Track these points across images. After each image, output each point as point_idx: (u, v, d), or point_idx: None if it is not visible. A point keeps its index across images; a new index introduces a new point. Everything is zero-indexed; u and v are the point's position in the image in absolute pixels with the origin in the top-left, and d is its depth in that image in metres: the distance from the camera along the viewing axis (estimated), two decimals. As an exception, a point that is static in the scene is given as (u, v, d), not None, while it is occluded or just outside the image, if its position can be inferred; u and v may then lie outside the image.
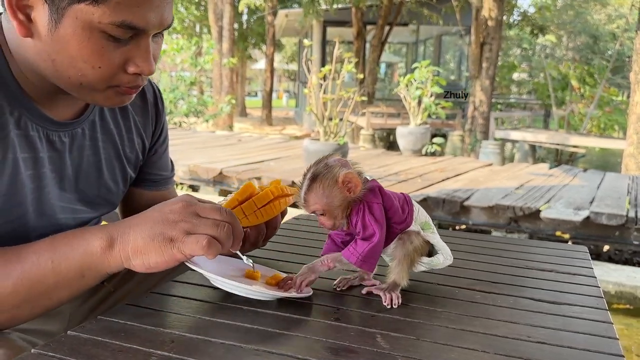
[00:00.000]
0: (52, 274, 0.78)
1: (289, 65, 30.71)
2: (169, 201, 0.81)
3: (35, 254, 0.78)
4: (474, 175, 6.54)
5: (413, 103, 7.97)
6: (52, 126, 0.89)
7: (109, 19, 0.76)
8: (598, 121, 15.46)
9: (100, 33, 0.77)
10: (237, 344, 0.71)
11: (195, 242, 0.76)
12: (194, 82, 12.17)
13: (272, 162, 7.00)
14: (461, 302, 0.90)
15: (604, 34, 19.05)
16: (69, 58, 0.79)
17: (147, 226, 0.78)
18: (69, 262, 0.78)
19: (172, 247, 0.76)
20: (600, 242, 4.69)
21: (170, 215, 0.78)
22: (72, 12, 0.76)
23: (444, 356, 0.71)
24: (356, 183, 0.85)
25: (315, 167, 0.86)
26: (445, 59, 19.94)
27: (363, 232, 0.86)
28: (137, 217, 0.81)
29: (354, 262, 0.86)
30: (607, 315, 0.87)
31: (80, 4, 0.75)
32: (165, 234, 0.76)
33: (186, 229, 0.77)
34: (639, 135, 7.93)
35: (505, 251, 1.23)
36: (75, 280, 0.79)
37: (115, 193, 1.05)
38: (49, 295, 0.79)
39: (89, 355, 0.67)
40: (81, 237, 0.79)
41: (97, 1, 0.74)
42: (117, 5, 0.75)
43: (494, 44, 10.36)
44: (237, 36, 19.65)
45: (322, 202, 0.85)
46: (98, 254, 0.78)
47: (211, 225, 0.78)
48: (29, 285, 0.77)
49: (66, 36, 0.77)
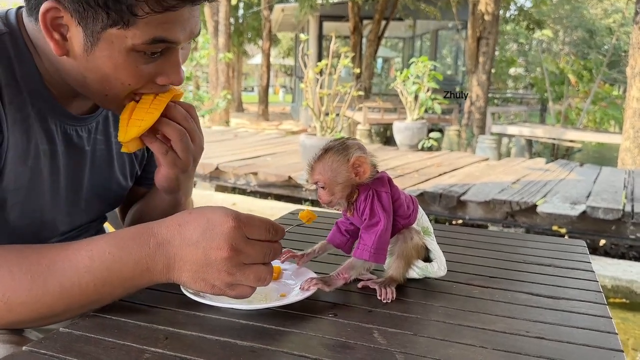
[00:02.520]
0: (94, 294, 0.75)
1: (285, 60, 30.62)
2: (215, 233, 0.73)
3: (76, 274, 0.74)
4: (471, 170, 6.54)
5: (410, 98, 7.96)
6: (70, 120, 0.91)
7: (141, 38, 0.77)
8: (594, 116, 15.47)
9: (135, 53, 0.79)
10: (232, 341, 0.70)
11: (236, 296, 0.76)
12: (189, 77, 12.10)
13: (268, 158, 6.98)
14: (459, 297, 0.89)
15: (600, 29, 19.08)
16: (102, 76, 0.81)
17: (190, 267, 0.74)
18: (113, 286, 0.75)
19: (213, 293, 0.76)
20: (596, 236, 4.70)
21: (214, 264, 0.73)
22: (107, 36, 0.77)
23: (441, 352, 0.70)
24: (365, 169, 0.85)
25: (333, 142, 0.87)
26: (442, 53, 19.91)
27: (369, 219, 0.86)
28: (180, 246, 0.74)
29: (367, 258, 0.85)
30: (606, 310, 0.86)
31: (113, 29, 0.76)
32: (208, 282, 0.74)
33: (229, 282, 0.74)
34: (635, 130, 7.93)
35: (503, 245, 1.22)
36: (119, 296, 0.78)
37: (125, 188, 1.07)
38: (88, 308, 0.77)
39: (82, 353, 0.66)
40: (123, 264, 0.74)
41: (127, 24, 0.75)
42: (147, 25, 0.76)
43: (490, 39, 10.35)
44: (233, 31, 19.58)
45: (327, 175, 0.85)
46: (145, 280, 0.76)
47: (254, 280, 0.75)
48: (68, 302, 0.74)
49: (102, 57, 0.79)
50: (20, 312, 0.74)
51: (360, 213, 0.87)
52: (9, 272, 0.73)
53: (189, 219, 0.75)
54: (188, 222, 0.75)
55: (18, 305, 0.73)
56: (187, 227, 0.74)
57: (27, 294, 0.73)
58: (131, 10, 0.74)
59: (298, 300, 0.82)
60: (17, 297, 0.73)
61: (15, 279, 0.73)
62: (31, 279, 0.73)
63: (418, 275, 0.94)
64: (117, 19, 0.75)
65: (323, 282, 0.85)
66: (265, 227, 0.76)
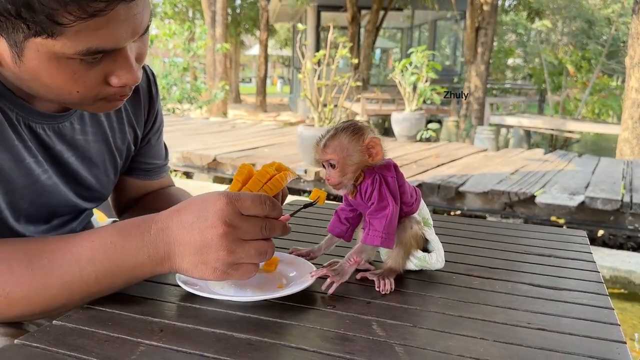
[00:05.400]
0: (96, 285, 0.74)
1: (282, 51, 30.48)
2: (208, 212, 0.72)
3: (77, 266, 0.73)
4: (469, 161, 6.53)
5: (408, 89, 7.93)
6: (35, 117, 0.85)
7: (72, 49, 0.68)
8: (593, 106, 15.45)
9: (67, 60, 0.71)
10: (229, 333, 0.69)
11: (240, 276, 0.75)
12: (187, 68, 12.05)
13: (266, 149, 6.96)
14: (458, 289, 0.88)
15: (599, 19, 19.00)
16: (44, 86, 0.74)
17: (189, 250, 0.73)
18: (115, 276, 0.74)
19: (216, 276, 0.74)
20: (595, 227, 4.70)
21: (212, 244, 0.72)
22: (32, 45, 0.68)
23: (441, 344, 0.69)
24: (379, 151, 0.84)
25: (346, 123, 0.85)
26: (440, 44, 19.83)
27: (378, 203, 0.84)
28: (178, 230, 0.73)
29: (379, 244, 0.84)
30: (607, 300, 0.85)
31: (37, 38, 0.67)
32: (209, 265, 0.73)
33: (230, 261, 0.73)
34: (633, 121, 7.92)
35: (503, 236, 1.21)
36: (120, 287, 0.77)
37: (106, 185, 1.03)
38: (89, 299, 0.76)
39: (75, 346, 0.65)
40: (125, 253, 0.73)
41: (52, 35, 0.66)
42: (77, 34, 0.67)
43: (489, 29, 10.30)
44: (230, 21, 19.46)
45: (341, 153, 0.83)
46: (147, 269, 0.75)
47: (255, 255, 0.74)
48: (69, 294, 0.73)
49: (33, 68, 0.71)
50: (21, 307, 0.73)
51: (367, 198, 0.85)
52: (8, 267, 0.72)
53: (185, 204, 0.75)
54: (185, 207, 0.75)
55: (19, 300, 0.72)
56: (183, 212, 0.74)
57: (27, 288, 0.72)
58: (53, 19, 0.64)
59: (296, 291, 0.80)
60: (18, 292, 0.72)
61: (15, 274, 0.72)
62: (32, 273, 0.72)
63: (415, 267, 0.93)
64: (39, 30, 0.66)
65: (336, 274, 0.83)
66: (259, 200, 0.75)
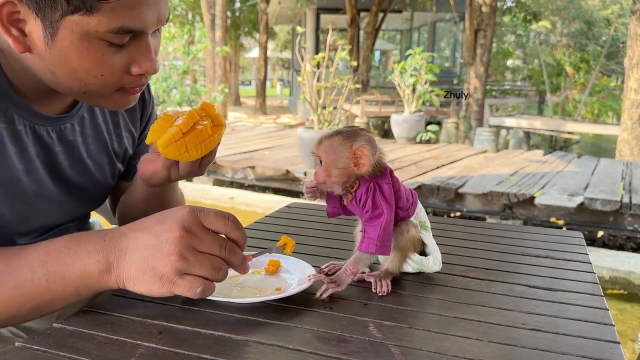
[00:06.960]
0: (46, 291, 0.73)
1: (282, 53, 30.51)
2: (167, 217, 0.72)
3: (30, 270, 0.72)
4: (469, 163, 6.53)
5: (407, 90, 7.94)
6: (39, 120, 0.87)
7: (106, 26, 0.73)
8: (592, 107, 15.46)
9: (99, 41, 0.75)
10: (227, 335, 0.70)
11: (187, 287, 0.70)
12: (186, 71, 12.03)
13: (266, 151, 6.97)
14: (455, 290, 0.89)
15: (598, 20, 19.01)
16: (70, 70, 0.77)
17: (140, 254, 0.71)
18: (65, 282, 0.73)
19: (162, 285, 0.70)
20: (594, 227, 4.71)
21: (165, 246, 0.70)
22: (67, 24, 0.73)
23: (437, 344, 0.69)
24: (365, 162, 0.84)
25: (347, 128, 0.87)
26: (440, 45, 19.86)
27: (372, 211, 0.85)
28: (133, 236, 0.73)
29: (374, 252, 0.84)
30: (602, 301, 0.86)
31: (74, 15, 0.72)
32: (157, 270, 0.70)
33: (180, 268, 0.69)
34: (633, 121, 7.93)
35: (500, 237, 1.22)
36: (71, 297, 0.75)
37: (104, 188, 1.04)
38: (42, 309, 0.75)
39: (75, 348, 0.65)
40: (76, 257, 0.73)
41: (91, 10, 0.71)
42: (113, 11, 0.72)
43: (488, 31, 10.31)
44: (230, 24, 19.49)
45: (330, 154, 0.85)
46: (95, 277, 0.73)
47: (207, 268, 0.71)
48: (20, 301, 0.73)
49: (64, 49, 0.75)
50: None
51: (362, 205, 0.86)
52: None
53: (149, 216, 0.75)
54: (146, 218, 0.75)
55: None
56: (143, 221, 0.74)
57: None
58: None
59: (293, 293, 0.81)
60: None
61: None
62: None
63: (413, 269, 0.94)
64: (79, 5, 0.71)
65: (334, 284, 0.84)
66: (222, 216, 0.73)
